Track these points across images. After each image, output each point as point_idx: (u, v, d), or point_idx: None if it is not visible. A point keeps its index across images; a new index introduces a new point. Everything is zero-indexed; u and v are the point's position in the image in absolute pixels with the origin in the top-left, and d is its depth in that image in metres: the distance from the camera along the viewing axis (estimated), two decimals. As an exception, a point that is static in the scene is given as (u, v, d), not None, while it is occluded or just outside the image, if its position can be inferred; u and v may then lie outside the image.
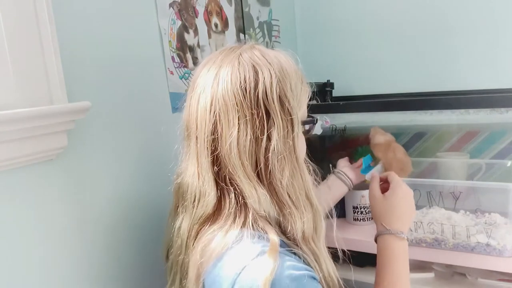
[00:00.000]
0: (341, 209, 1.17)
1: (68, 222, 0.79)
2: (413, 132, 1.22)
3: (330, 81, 1.42)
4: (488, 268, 0.97)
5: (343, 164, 1.11)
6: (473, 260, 0.94)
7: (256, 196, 0.62)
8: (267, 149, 0.61)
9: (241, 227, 0.63)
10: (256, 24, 1.37)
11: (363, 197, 1.11)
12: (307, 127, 0.72)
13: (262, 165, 0.62)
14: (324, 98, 1.41)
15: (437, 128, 1.20)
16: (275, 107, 0.61)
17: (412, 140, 1.23)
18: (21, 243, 0.72)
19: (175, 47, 1.03)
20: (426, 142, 1.23)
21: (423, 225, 0.99)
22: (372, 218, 1.15)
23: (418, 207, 1.01)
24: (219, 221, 0.64)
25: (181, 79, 1.05)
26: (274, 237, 0.61)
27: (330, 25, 1.55)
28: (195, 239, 0.66)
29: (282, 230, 0.66)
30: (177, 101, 1.03)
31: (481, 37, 1.31)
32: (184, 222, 0.68)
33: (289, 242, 0.66)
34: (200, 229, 0.66)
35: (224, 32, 1.21)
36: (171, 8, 1.02)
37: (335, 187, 1.07)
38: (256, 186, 0.62)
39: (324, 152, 1.34)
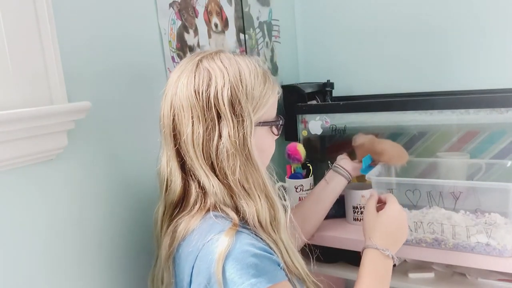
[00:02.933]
0: (341, 209, 1.17)
1: (68, 222, 0.79)
2: (413, 132, 1.22)
3: (330, 81, 1.42)
4: (488, 268, 0.97)
5: (340, 157, 1.13)
6: (473, 260, 0.94)
7: (211, 185, 0.70)
8: (217, 146, 0.69)
9: (206, 212, 0.71)
10: (256, 24, 1.37)
11: (363, 197, 1.11)
12: (274, 127, 0.79)
13: (214, 159, 0.70)
14: (324, 98, 1.41)
15: (437, 128, 1.20)
16: (226, 109, 0.69)
17: (412, 140, 1.23)
18: (21, 242, 0.72)
19: (175, 47, 1.03)
20: (426, 142, 1.23)
21: (423, 225, 0.99)
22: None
23: (418, 207, 1.01)
24: (188, 207, 0.72)
25: (181, 79, 1.05)
26: (234, 216, 0.69)
27: (330, 25, 1.55)
28: (167, 224, 0.74)
29: (240, 216, 0.71)
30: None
31: (482, 37, 1.31)
32: (160, 208, 0.77)
33: (250, 227, 0.71)
34: (172, 214, 0.74)
35: (224, 32, 1.21)
36: (171, 8, 1.02)
37: (333, 181, 1.07)
38: (210, 176, 0.70)
39: (324, 152, 1.34)
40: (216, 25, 1.17)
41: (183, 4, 1.06)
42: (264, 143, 0.77)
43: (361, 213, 1.15)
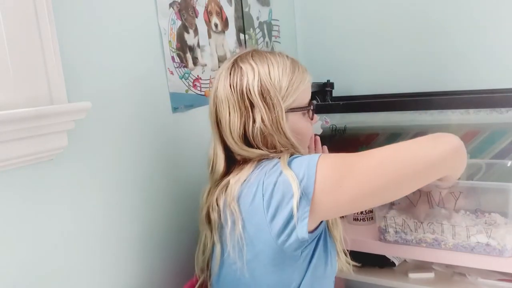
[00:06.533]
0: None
1: (68, 222, 0.79)
2: (413, 132, 1.22)
3: (330, 81, 1.42)
4: (488, 268, 0.97)
5: None
6: (473, 260, 0.94)
7: (256, 153, 0.81)
8: (253, 129, 0.81)
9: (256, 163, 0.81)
10: (256, 24, 1.37)
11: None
12: (307, 112, 0.88)
13: (251, 140, 0.82)
14: (324, 98, 1.41)
15: (437, 128, 1.19)
16: (257, 99, 0.80)
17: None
18: (21, 242, 0.72)
19: (175, 47, 1.03)
20: (426, 142, 1.22)
21: (423, 225, 0.99)
22: (371, 218, 1.15)
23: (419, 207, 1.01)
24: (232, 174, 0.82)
25: (181, 79, 1.05)
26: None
27: (330, 25, 1.55)
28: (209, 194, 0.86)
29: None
30: (177, 101, 1.03)
31: (481, 37, 1.32)
32: (206, 191, 0.87)
33: None
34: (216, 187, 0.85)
35: (224, 32, 1.21)
36: (171, 8, 1.02)
37: None
38: (251, 150, 0.81)
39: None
40: (216, 25, 1.17)
41: (183, 4, 1.06)
42: (299, 127, 0.85)
43: (361, 213, 1.15)
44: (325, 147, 1.03)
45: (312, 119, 0.89)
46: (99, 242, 0.85)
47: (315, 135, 1.01)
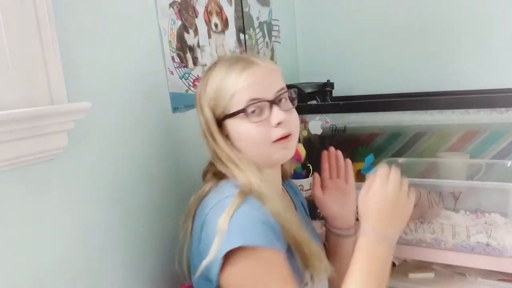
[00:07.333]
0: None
1: (68, 222, 0.79)
2: (413, 132, 1.22)
3: (330, 81, 1.42)
4: (488, 268, 0.97)
5: (322, 222, 1.05)
6: (473, 260, 0.94)
7: (212, 165, 0.86)
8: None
9: (218, 180, 0.83)
10: (256, 24, 1.37)
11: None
12: (249, 114, 0.79)
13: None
14: (324, 98, 1.41)
15: (437, 128, 1.20)
16: (199, 109, 0.86)
17: (412, 140, 1.23)
18: (21, 242, 0.72)
19: (175, 47, 1.03)
20: (426, 142, 1.23)
21: (423, 225, 0.99)
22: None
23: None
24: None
25: (181, 79, 1.05)
26: (244, 183, 0.78)
27: (330, 25, 1.55)
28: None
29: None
30: (177, 101, 1.03)
31: (481, 37, 1.32)
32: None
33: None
34: None
35: (224, 32, 1.21)
36: (171, 8, 1.02)
37: (343, 247, 0.97)
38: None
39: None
40: (216, 25, 1.17)
41: (183, 4, 1.06)
42: (241, 131, 0.82)
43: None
44: (349, 161, 0.97)
45: (257, 120, 0.79)
46: (99, 243, 0.85)
47: (334, 148, 0.99)
